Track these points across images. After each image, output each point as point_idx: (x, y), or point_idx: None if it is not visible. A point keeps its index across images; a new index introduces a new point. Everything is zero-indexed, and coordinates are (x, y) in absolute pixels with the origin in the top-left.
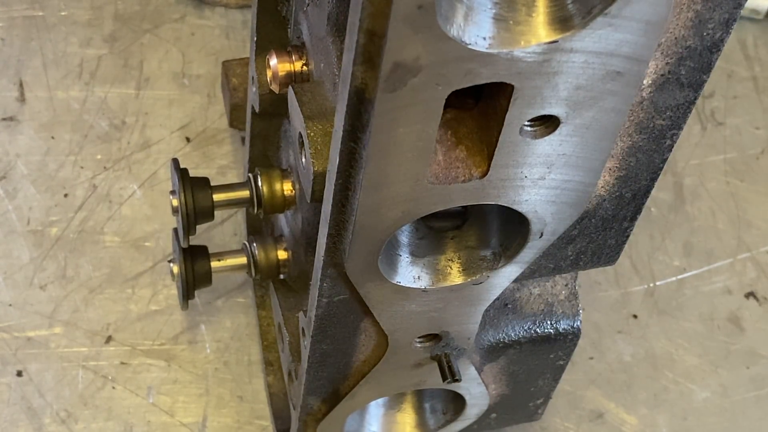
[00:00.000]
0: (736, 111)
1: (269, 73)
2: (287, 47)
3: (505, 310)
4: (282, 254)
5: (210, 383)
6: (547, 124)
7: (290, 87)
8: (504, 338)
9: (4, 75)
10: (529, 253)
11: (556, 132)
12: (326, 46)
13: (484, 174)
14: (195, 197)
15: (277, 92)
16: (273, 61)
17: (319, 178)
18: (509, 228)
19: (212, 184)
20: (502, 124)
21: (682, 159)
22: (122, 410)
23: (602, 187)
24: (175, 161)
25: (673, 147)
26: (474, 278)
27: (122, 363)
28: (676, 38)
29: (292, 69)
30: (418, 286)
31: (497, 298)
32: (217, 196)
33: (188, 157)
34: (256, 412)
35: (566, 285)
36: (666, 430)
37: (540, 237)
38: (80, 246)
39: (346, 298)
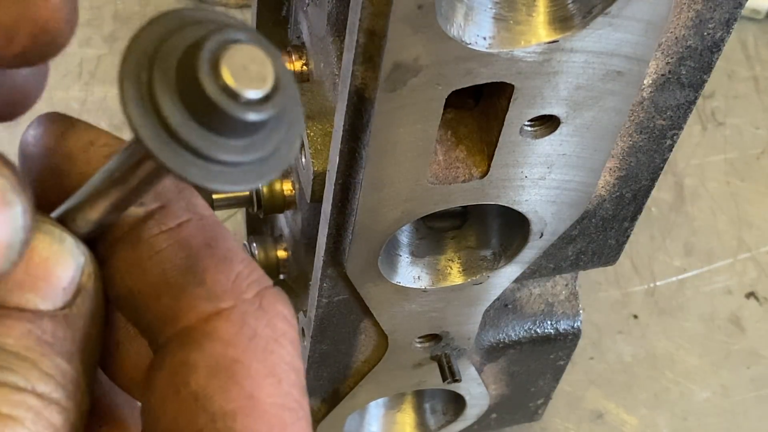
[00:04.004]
0: (736, 111)
1: None
2: (287, 47)
3: (505, 311)
4: (282, 254)
5: None
6: (548, 124)
7: None
8: (504, 338)
9: None
10: (529, 254)
11: (557, 132)
12: (326, 46)
13: (485, 174)
14: None
15: None
16: None
17: (319, 178)
18: (509, 228)
19: None
20: (503, 124)
21: (683, 159)
22: None
23: (602, 187)
24: None
25: (673, 147)
26: (474, 278)
27: None
28: (676, 38)
29: (292, 69)
30: (419, 287)
31: (497, 299)
32: (217, 196)
33: None
34: None
35: (566, 285)
36: (666, 430)
37: (540, 237)
38: None
39: (346, 298)
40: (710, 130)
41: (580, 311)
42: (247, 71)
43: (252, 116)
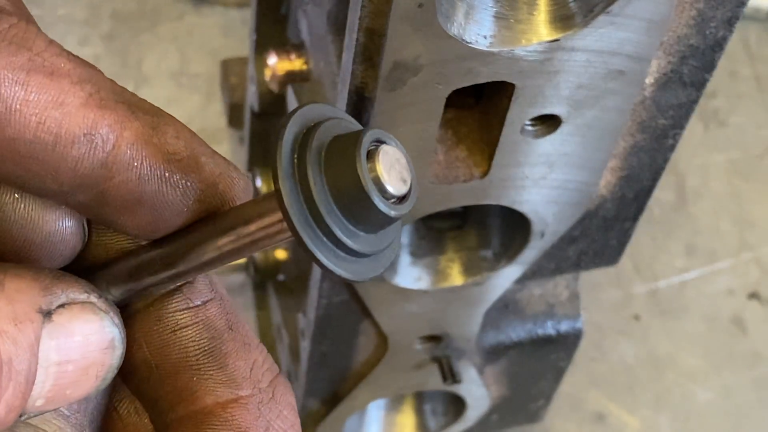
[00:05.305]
0: (738, 110)
1: (268, 72)
2: (286, 46)
3: (506, 311)
4: (281, 255)
5: None
6: (549, 123)
7: (289, 86)
8: (505, 339)
9: None
10: (530, 254)
11: (558, 131)
12: (326, 45)
13: (485, 174)
14: None
15: (276, 91)
16: (272, 59)
17: None
18: (510, 228)
19: None
20: (503, 124)
21: (685, 159)
22: None
23: (604, 186)
24: None
25: (675, 146)
26: (475, 279)
27: None
28: (678, 37)
29: (292, 68)
30: (419, 287)
31: (498, 299)
32: None
33: None
34: None
35: (567, 286)
36: (668, 431)
37: (541, 237)
38: None
39: (346, 299)
40: (712, 130)
41: (581, 312)
42: (394, 170)
43: (393, 212)
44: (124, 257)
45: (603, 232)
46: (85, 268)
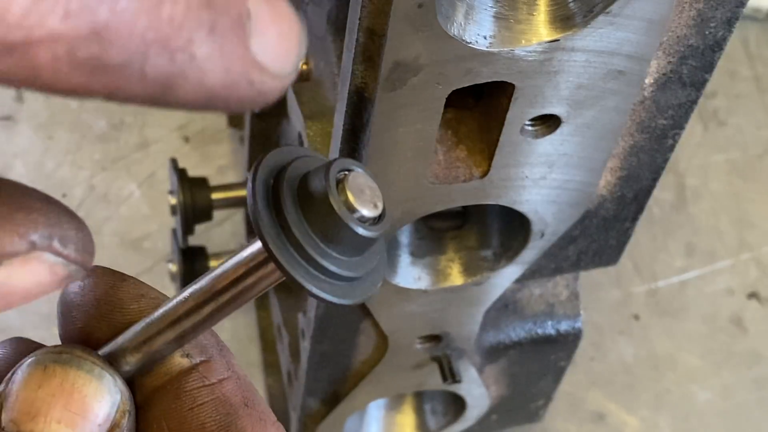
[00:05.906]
0: (738, 111)
1: None
2: None
3: (506, 311)
4: None
5: None
6: (548, 123)
7: (289, 86)
8: (505, 339)
9: None
10: (530, 254)
11: (557, 131)
12: (326, 45)
13: (485, 174)
14: (193, 197)
15: None
16: None
17: None
18: (510, 228)
19: (211, 183)
20: (503, 124)
21: (684, 159)
22: None
23: (604, 187)
24: (174, 161)
25: (675, 147)
26: (474, 279)
27: None
28: (678, 37)
29: None
30: (419, 287)
31: (498, 299)
32: (216, 196)
33: (187, 156)
34: None
35: (567, 285)
36: (668, 431)
37: (541, 237)
38: None
39: None
40: (712, 130)
41: (581, 312)
42: (364, 195)
43: (367, 232)
44: (133, 325)
45: (603, 232)
46: (98, 341)
